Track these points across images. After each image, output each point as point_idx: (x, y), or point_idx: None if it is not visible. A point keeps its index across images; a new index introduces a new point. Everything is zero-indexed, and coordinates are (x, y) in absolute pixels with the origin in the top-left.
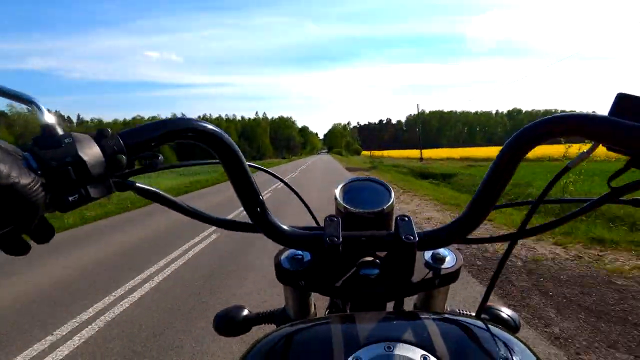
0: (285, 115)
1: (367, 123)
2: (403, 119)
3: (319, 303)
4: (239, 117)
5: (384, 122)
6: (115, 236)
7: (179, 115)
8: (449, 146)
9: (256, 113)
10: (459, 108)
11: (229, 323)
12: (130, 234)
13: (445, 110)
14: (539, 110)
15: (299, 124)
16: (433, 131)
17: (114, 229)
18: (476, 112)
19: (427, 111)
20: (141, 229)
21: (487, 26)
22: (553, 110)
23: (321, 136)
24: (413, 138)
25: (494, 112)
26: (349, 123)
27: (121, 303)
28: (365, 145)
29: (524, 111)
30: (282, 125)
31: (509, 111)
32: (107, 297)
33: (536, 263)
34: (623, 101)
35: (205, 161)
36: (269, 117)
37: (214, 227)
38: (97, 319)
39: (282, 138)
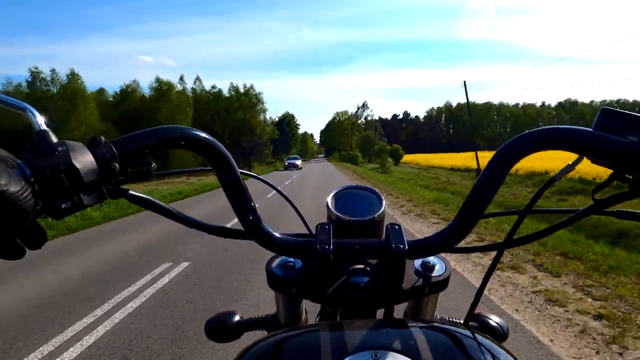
0: (239, 84)
1: (377, 118)
2: (421, 115)
3: (310, 309)
4: (146, 88)
5: (399, 116)
6: None
7: None
8: (488, 148)
9: (181, 77)
10: (495, 99)
11: (220, 329)
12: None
13: (479, 102)
14: (604, 101)
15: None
16: (466, 129)
17: None
18: (517, 105)
19: (454, 104)
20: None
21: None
22: (617, 101)
23: (318, 136)
24: (437, 138)
25: (539, 103)
26: (364, 105)
27: None
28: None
29: (580, 102)
30: (234, 106)
31: (560, 103)
32: None
33: None
34: (607, 116)
35: (198, 168)
36: (207, 86)
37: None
38: None
39: (223, 132)
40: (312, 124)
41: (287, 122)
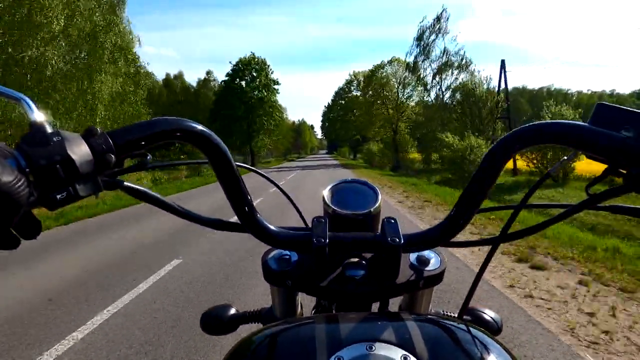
0: None
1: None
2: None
3: (305, 303)
4: None
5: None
6: None
7: None
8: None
9: None
10: (556, 84)
11: (216, 322)
12: None
13: (530, 87)
14: None
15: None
16: (519, 122)
17: None
18: (580, 92)
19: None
20: None
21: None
22: None
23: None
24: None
25: (607, 92)
26: (440, 20)
27: None
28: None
29: None
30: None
31: (635, 91)
32: None
33: None
34: (603, 111)
35: (194, 161)
36: None
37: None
38: None
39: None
40: (313, 120)
41: (253, 75)
